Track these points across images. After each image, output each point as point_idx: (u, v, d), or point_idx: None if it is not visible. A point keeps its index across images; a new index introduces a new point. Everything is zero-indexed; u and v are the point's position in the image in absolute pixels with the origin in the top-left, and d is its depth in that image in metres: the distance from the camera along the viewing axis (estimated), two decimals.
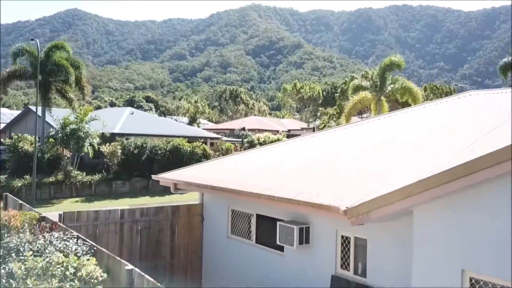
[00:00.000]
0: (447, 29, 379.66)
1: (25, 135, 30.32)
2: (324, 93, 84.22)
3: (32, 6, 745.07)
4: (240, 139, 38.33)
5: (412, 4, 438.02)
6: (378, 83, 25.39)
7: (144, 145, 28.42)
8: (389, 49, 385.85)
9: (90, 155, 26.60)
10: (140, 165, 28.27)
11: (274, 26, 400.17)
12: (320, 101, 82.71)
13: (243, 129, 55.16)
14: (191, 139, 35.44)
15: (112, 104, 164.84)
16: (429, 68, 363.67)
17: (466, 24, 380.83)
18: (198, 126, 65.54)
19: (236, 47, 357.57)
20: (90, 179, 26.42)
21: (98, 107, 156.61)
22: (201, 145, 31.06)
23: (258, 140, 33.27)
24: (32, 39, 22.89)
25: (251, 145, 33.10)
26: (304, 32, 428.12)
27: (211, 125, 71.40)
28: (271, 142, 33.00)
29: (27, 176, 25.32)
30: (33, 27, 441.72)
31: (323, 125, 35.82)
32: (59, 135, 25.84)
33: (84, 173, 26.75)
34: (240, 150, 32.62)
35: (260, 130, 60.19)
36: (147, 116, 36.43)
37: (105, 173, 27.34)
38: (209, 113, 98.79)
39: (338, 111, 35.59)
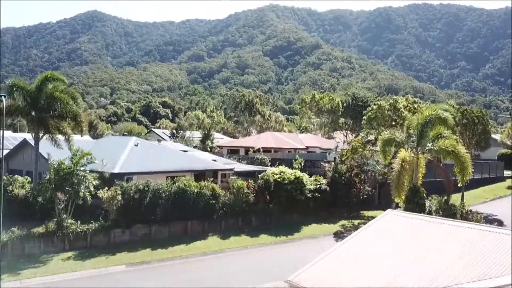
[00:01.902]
0: (469, 27, 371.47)
1: (16, 176, 28.94)
2: (344, 103, 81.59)
3: (53, 8, 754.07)
4: (254, 176, 36.24)
5: (433, 3, 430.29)
6: (415, 137, 21.32)
7: (146, 189, 26.73)
8: (409, 49, 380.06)
9: (87, 201, 25.04)
10: (141, 211, 26.62)
11: (292, 26, 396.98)
12: (340, 112, 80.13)
13: (258, 150, 53.09)
14: (200, 173, 33.82)
15: (129, 110, 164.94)
16: (450, 68, 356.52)
17: (488, 22, 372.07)
18: (212, 143, 63.90)
19: (253, 48, 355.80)
20: (85, 229, 24.83)
21: (114, 113, 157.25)
22: (209, 184, 29.22)
23: (274, 176, 31.28)
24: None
25: (266, 183, 31.14)
26: (322, 32, 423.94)
27: (226, 140, 69.64)
28: (289, 180, 31.06)
29: (15, 229, 23.86)
30: (54, 29, 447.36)
31: (346, 157, 33.05)
32: (52, 180, 24.33)
33: (79, 222, 25.16)
34: (254, 190, 30.77)
35: (276, 149, 58.24)
36: (153, 148, 34.76)
37: (102, 221, 25.73)
38: (224, 123, 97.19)
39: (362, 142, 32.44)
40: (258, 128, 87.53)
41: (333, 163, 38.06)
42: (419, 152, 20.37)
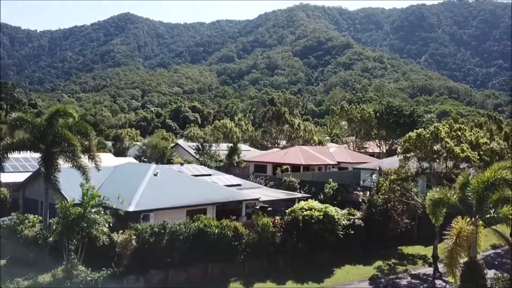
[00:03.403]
0: (506, 25, 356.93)
1: (27, 215, 27.20)
2: (377, 112, 78.11)
3: (88, 11, 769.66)
4: (281, 205, 33.75)
5: (468, 0, 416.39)
6: (473, 200, 17.03)
7: (163, 231, 24.55)
8: (443, 47, 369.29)
9: (102, 242, 22.99)
10: (157, 254, 24.44)
11: (323, 26, 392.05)
12: (373, 122, 76.64)
13: (286, 170, 50.32)
14: (224, 205, 31.53)
15: (158, 115, 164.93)
16: (486, 66, 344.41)
17: None
18: (239, 157, 61.65)
19: (283, 48, 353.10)
20: (96, 277, 22.82)
21: (144, 118, 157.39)
22: (231, 223, 26.82)
23: (302, 213, 28.64)
24: None
25: (294, 221, 28.48)
26: (353, 31, 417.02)
27: (252, 154, 67.22)
28: (317, 218, 28.34)
29: (20, 280, 22.01)
30: (88, 32, 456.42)
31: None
32: (60, 225, 22.39)
33: (90, 269, 23.14)
34: (280, 228, 28.15)
35: (306, 166, 55.42)
36: (172, 177, 32.60)
37: (114, 267, 23.64)
38: (252, 131, 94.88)
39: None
40: (287, 138, 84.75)
41: (368, 193, 35.13)
42: (478, 220, 16.96)
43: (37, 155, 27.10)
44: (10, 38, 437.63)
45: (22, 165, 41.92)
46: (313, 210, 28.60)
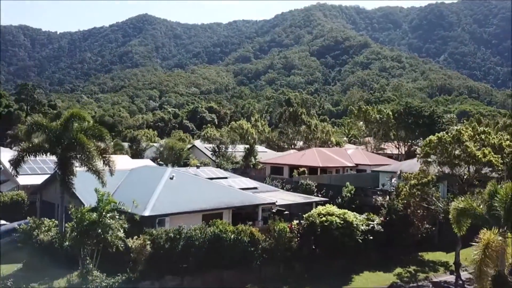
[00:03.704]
0: None
1: (43, 219, 27.17)
2: (395, 113, 76.91)
3: (106, 12, 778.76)
4: (298, 208, 33.20)
5: None
6: (501, 210, 16.32)
7: (178, 237, 24.26)
8: (462, 46, 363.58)
9: (117, 247, 22.79)
10: (172, 260, 24.17)
11: (340, 25, 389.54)
12: (391, 123, 75.46)
13: (303, 172, 49.68)
14: (240, 208, 31.15)
15: (176, 116, 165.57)
16: (508, 65, 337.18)
17: None
18: (255, 159, 61.29)
19: (300, 48, 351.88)
20: (111, 283, 22.63)
21: (162, 119, 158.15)
22: (248, 228, 26.41)
23: (320, 218, 28.06)
24: None
25: (312, 226, 27.94)
26: (370, 30, 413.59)
27: (269, 155, 66.75)
28: (337, 224, 27.74)
29: (35, 285, 21.92)
30: (107, 33, 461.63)
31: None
32: (75, 231, 22.25)
33: (105, 274, 22.96)
34: (298, 233, 27.64)
35: (323, 168, 54.71)
36: (188, 180, 32.32)
37: (130, 272, 23.42)
38: (269, 132, 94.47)
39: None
40: (304, 139, 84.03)
41: (387, 197, 34.35)
42: (507, 232, 16.20)
43: (55, 157, 27.11)
44: (31, 40, 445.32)
45: (40, 167, 42.12)
46: (332, 215, 27.95)
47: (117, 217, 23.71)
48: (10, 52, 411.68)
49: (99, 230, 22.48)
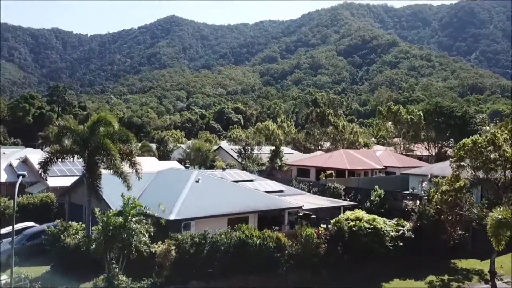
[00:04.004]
0: None
1: (70, 222, 27.35)
2: (425, 113, 75.26)
3: (135, 14, 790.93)
4: (325, 212, 32.63)
5: None
6: None
7: (203, 241, 24.04)
8: (495, 44, 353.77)
9: (142, 252, 22.72)
10: (198, 265, 23.96)
11: (367, 24, 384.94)
12: (422, 124, 73.85)
13: (330, 175, 48.93)
14: (266, 212, 30.76)
15: (202, 116, 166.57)
16: None
17: None
18: (281, 161, 60.77)
19: (327, 47, 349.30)
20: (137, 287, 22.56)
21: (189, 120, 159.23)
22: (274, 234, 26.00)
23: (348, 223, 27.44)
24: None
25: (340, 232, 27.31)
26: (399, 29, 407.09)
27: (295, 157, 66.12)
28: (366, 230, 27.02)
29: None
30: (135, 35, 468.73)
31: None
32: (101, 235, 22.25)
33: (131, 279, 22.91)
34: (325, 239, 27.06)
35: (351, 170, 53.80)
36: (214, 183, 32.10)
37: (155, 277, 23.31)
38: (295, 133, 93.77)
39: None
40: (331, 140, 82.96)
41: (418, 202, 33.34)
42: None
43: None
44: (62, 42, 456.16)
45: (69, 169, 42.66)
46: (361, 221, 27.25)
47: (143, 221, 23.65)
48: (43, 55, 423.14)
49: (125, 235, 22.44)
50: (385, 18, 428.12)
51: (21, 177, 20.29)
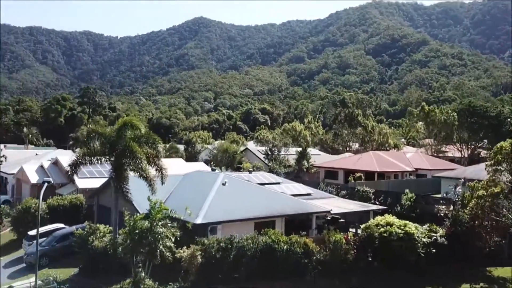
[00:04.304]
0: None
1: (98, 225, 27.48)
2: (457, 113, 73.19)
3: (164, 16, 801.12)
4: (354, 216, 31.88)
5: None
6: None
7: (229, 246, 23.76)
8: None
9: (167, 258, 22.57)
10: (224, 270, 23.70)
11: (397, 23, 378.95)
12: (454, 125, 71.82)
13: (360, 178, 48.01)
14: (293, 216, 30.27)
15: (230, 117, 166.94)
16: None
17: None
18: (308, 162, 60.10)
19: (355, 47, 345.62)
20: None
21: (216, 121, 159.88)
22: (301, 239, 25.52)
23: (378, 229, 26.63)
24: None
25: (369, 237, 26.55)
26: (429, 27, 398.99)
27: (323, 159, 65.29)
28: (397, 236, 26.21)
29: None
30: (164, 36, 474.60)
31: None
32: (128, 239, 22.20)
33: (157, 283, 22.82)
34: (354, 245, 26.35)
35: (381, 173, 52.72)
36: (241, 187, 31.86)
37: (181, 281, 23.15)
38: (322, 134, 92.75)
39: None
40: (359, 141, 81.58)
41: (451, 206, 32.24)
42: None
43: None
44: (94, 44, 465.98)
45: (98, 170, 42.99)
46: (392, 227, 26.43)
47: (169, 224, 23.51)
48: (75, 57, 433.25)
49: (151, 239, 22.33)
50: (415, 16, 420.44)
51: (46, 184, 20.44)
